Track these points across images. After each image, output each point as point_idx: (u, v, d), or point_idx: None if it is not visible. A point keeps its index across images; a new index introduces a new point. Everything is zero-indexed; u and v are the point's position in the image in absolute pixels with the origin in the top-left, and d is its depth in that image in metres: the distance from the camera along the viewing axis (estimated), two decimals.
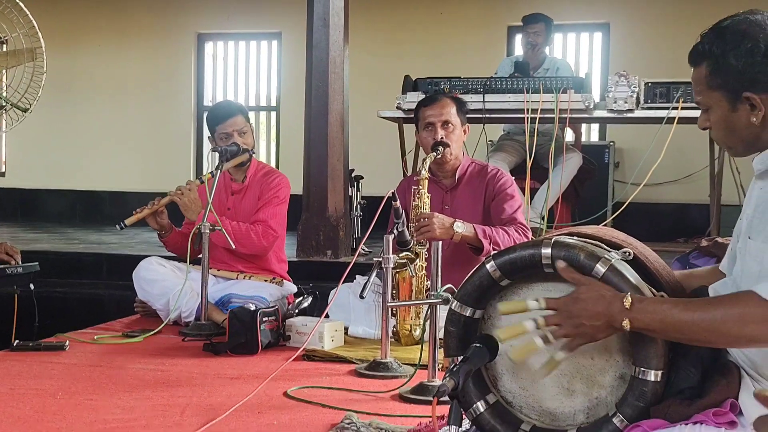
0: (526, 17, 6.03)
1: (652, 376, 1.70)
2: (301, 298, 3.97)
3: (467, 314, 1.89)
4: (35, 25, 4.73)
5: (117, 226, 3.74)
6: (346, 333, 3.64)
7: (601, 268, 1.72)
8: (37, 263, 4.15)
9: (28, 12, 4.71)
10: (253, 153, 4.07)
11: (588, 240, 1.84)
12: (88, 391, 2.73)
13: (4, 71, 4.89)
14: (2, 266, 3.97)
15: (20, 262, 4.03)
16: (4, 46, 5.04)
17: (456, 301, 1.91)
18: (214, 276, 3.95)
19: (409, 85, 5.37)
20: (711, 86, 1.72)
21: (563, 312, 1.70)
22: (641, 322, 1.63)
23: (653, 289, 1.75)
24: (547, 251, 1.78)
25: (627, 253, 1.79)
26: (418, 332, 3.45)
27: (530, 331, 1.72)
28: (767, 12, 1.71)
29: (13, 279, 3.98)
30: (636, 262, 1.80)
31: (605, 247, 1.82)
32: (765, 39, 1.65)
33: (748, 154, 1.76)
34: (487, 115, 5.14)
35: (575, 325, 1.68)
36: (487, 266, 1.85)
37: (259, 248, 3.93)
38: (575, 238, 1.84)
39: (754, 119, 1.68)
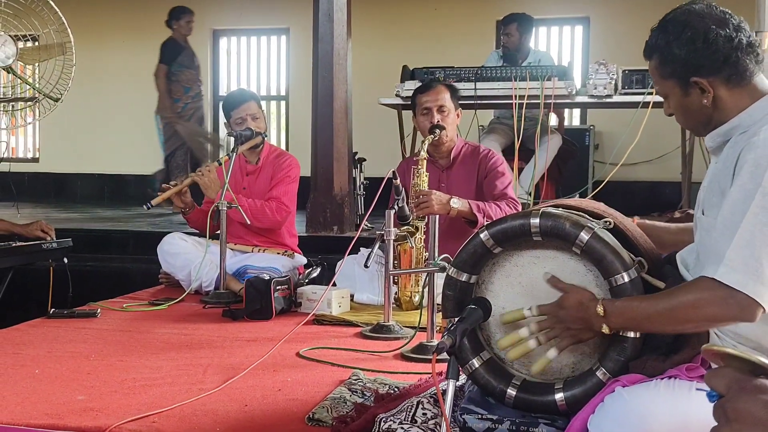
0: (503, 18, 5.98)
1: (632, 333, 1.70)
2: (310, 268, 3.96)
3: (463, 279, 1.89)
4: (65, 21, 4.69)
5: (144, 206, 3.73)
6: (352, 299, 3.65)
7: (584, 236, 1.72)
8: (70, 239, 4.17)
9: (58, 10, 4.67)
10: (266, 136, 4.05)
11: (572, 211, 1.83)
12: (118, 353, 2.74)
13: (37, 64, 4.86)
14: (39, 242, 3.98)
15: (55, 239, 4.04)
16: (37, 41, 5.01)
17: (453, 268, 1.91)
18: (232, 249, 3.95)
19: (407, 74, 5.34)
20: (663, 76, 1.72)
21: (551, 318, 1.75)
22: (616, 323, 1.67)
23: (632, 255, 1.75)
24: (535, 221, 1.78)
25: (608, 222, 1.79)
26: (417, 298, 3.45)
27: (525, 337, 1.77)
28: (707, 2, 1.70)
29: (48, 254, 3.99)
30: (616, 231, 1.80)
31: (588, 217, 1.82)
32: (704, 27, 1.64)
33: (707, 132, 1.75)
34: (478, 102, 5.12)
35: (562, 328, 1.74)
36: (481, 235, 1.85)
37: (273, 222, 3.93)
38: (561, 209, 1.84)
39: (705, 101, 1.67)
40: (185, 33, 7.39)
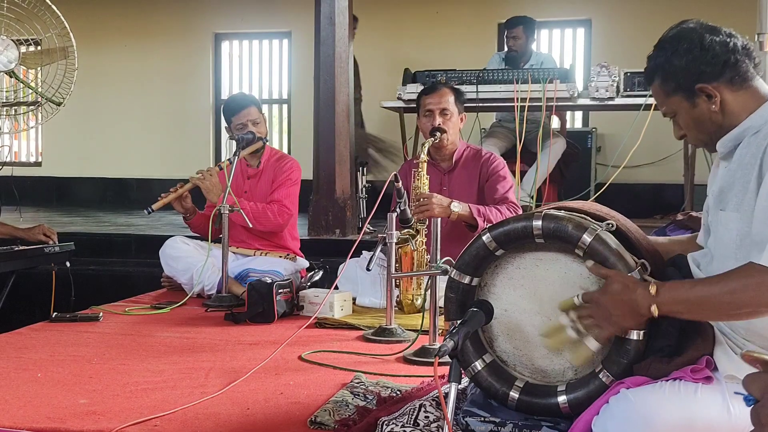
0: (507, 21, 5.97)
1: (635, 335, 1.70)
2: (312, 272, 3.96)
3: (465, 282, 1.89)
4: (67, 26, 4.70)
5: (145, 210, 3.72)
6: (354, 303, 3.64)
7: (587, 238, 1.72)
8: (73, 243, 4.16)
9: (60, 14, 4.68)
10: (267, 141, 4.05)
11: (575, 213, 1.83)
12: (120, 357, 2.74)
13: (39, 68, 4.87)
14: (41, 246, 3.98)
15: (57, 243, 4.04)
16: (39, 45, 5.02)
17: (455, 270, 1.91)
18: (234, 253, 3.95)
19: (409, 77, 5.34)
20: (668, 93, 1.74)
21: (594, 305, 1.69)
22: (667, 305, 1.61)
23: (634, 257, 1.74)
24: (538, 223, 1.78)
25: (610, 225, 1.78)
26: (419, 301, 3.45)
27: (566, 325, 1.73)
28: (697, 19, 1.76)
29: (51, 257, 3.99)
30: (618, 233, 1.80)
31: (590, 219, 1.81)
32: (698, 37, 1.70)
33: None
34: (480, 104, 5.12)
35: (604, 316, 1.68)
36: (484, 238, 1.85)
37: (275, 225, 3.93)
38: (563, 211, 1.83)
39: (714, 107, 1.69)
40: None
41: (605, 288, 1.68)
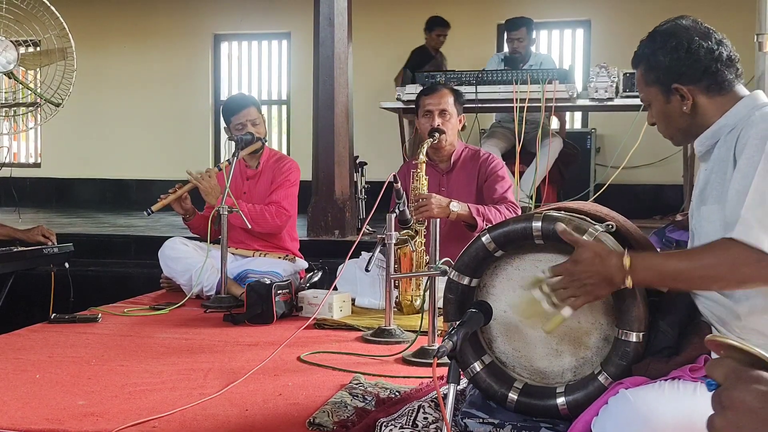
0: (508, 23, 5.96)
1: (634, 337, 1.69)
2: (311, 273, 3.96)
3: (465, 283, 1.89)
4: (66, 27, 4.70)
5: (145, 212, 3.72)
6: (353, 303, 3.64)
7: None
8: (72, 244, 4.16)
9: (59, 15, 4.68)
10: (265, 141, 4.05)
11: (575, 214, 1.83)
12: (119, 358, 2.73)
13: (38, 69, 4.87)
14: (40, 247, 3.98)
15: (56, 244, 4.04)
16: (38, 46, 5.02)
17: (454, 271, 1.90)
18: (233, 254, 3.95)
19: (408, 78, 5.34)
20: (648, 83, 1.81)
21: (566, 275, 1.70)
22: (641, 277, 1.64)
23: None
24: (537, 224, 1.77)
25: (610, 226, 1.78)
26: (418, 302, 3.44)
27: (539, 299, 1.73)
28: (694, 17, 1.80)
29: (50, 258, 3.99)
30: (618, 234, 1.80)
31: (590, 220, 1.81)
32: (688, 38, 1.75)
33: (687, 142, 1.86)
34: (479, 105, 5.12)
35: (577, 286, 1.68)
36: (483, 239, 1.85)
37: (274, 227, 3.93)
38: (563, 212, 1.83)
39: (685, 108, 1.76)
40: (434, 45, 7.29)
41: (575, 257, 1.69)
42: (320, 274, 3.94)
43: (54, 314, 3.38)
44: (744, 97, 1.74)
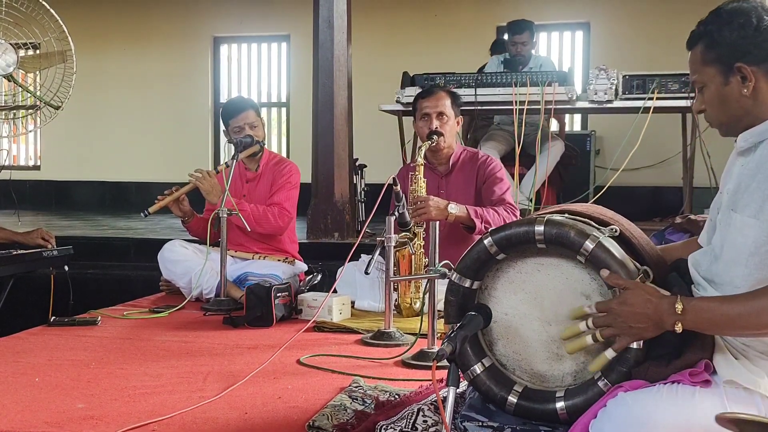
0: (511, 26, 5.95)
1: (635, 344, 1.68)
2: (311, 275, 3.96)
3: (466, 285, 1.89)
4: (65, 29, 4.71)
5: (141, 213, 3.71)
6: (352, 306, 3.64)
7: (589, 245, 1.71)
8: (71, 247, 4.16)
9: (58, 18, 4.68)
10: (264, 144, 4.05)
11: (578, 218, 1.82)
12: (119, 361, 2.73)
13: (37, 72, 4.87)
14: (39, 250, 3.98)
15: (55, 246, 4.04)
16: (37, 49, 5.02)
17: (456, 273, 1.90)
18: (232, 256, 3.95)
19: (408, 80, 5.35)
20: (705, 61, 1.71)
21: (612, 315, 1.66)
22: (692, 323, 1.59)
23: (637, 264, 1.73)
24: (540, 228, 1.77)
25: (614, 230, 1.77)
26: (418, 304, 3.44)
27: (583, 331, 1.70)
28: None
29: (49, 261, 3.99)
30: (622, 238, 1.79)
31: (593, 224, 1.80)
32: (757, 16, 1.66)
33: (736, 134, 1.73)
34: (478, 107, 5.12)
35: (623, 327, 1.65)
36: (485, 242, 1.84)
37: (276, 228, 3.93)
38: (566, 216, 1.83)
39: (745, 90, 1.66)
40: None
41: (624, 298, 1.65)
42: (320, 276, 3.93)
43: (53, 317, 3.38)
44: None
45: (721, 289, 1.67)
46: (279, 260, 4.00)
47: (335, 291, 3.40)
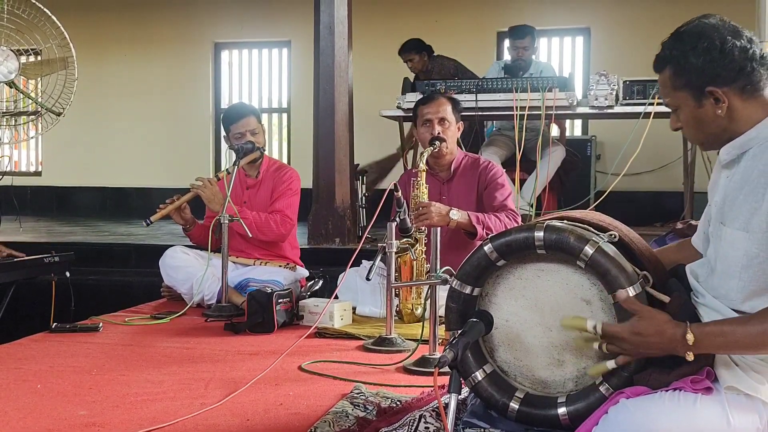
0: (512, 31, 5.96)
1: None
2: (312, 281, 3.96)
3: (467, 292, 1.89)
4: (67, 36, 4.72)
5: (144, 222, 3.72)
6: (354, 312, 3.64)
7: (589, 250, 1.72)
8: (73, 253, 4.17)
9: (60, 24, 4.70)
10: (264, 150, 4.05)
11: (577, 224, 1.83)
12: (120, 368, 2.73)
13: (39, 79, 4.88)
14: (41, 256, 3.98)
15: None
16: (39, 56, 5.03)
17: (456, 280, 1.90)
18: (233, 262, 3.94)
19: (408, 86, 5.37)
20: (676, 87, 1.70)
21: (622, 342, 1.65)
22: (704, 349, 1.59)
23: (636, 269, 1.74)
24: (539, 234, 1.77)
25: (613, 236, 1.78)
26: (419, 310, 3.44)
27: (589, 330, 1.68)
28: (719, 16, 1.71)
29: (51, 267, 4.00)
30: (621, 244, 1.79)
31: (593, 230, 1.81)
32: (720, 37, 1.65)
33: (717, 148, 1.74)
34: (479, 113, 5.13)
35: (633, 352, 1.66)
36: (485, 248, 1.85)
37: (278, 235, 3.93)
38: (565, 222, 1.83)
39: (720, 111, 1.66)
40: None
41: (636, 328, 1.63)
42: (321, 282, 3.93)
43: (55, 324, 3.38)
44: None
45: (719, 301, 1.67)
46: (280, 266, 4.00)
47: (336, 297, 3.40)
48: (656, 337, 1.61)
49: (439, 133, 3.64)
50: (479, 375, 1.87)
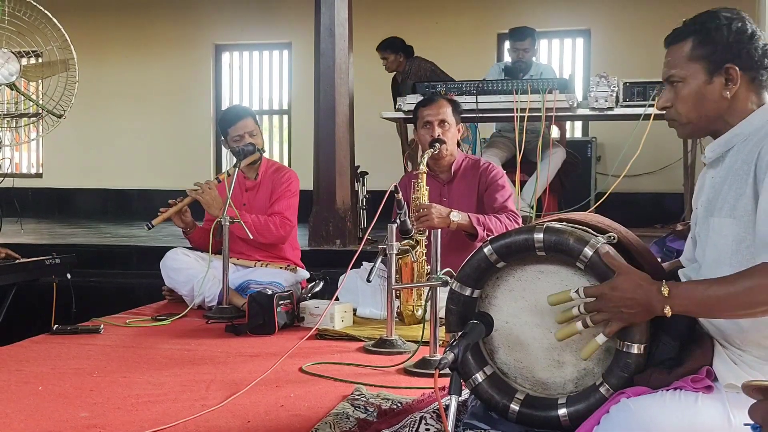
0: (513, 33, 5.96)
1: (636, 349, 1.69)
2: (313, 283, 3.96)
3: (467, 294, 1.89)
4: (68, 38, 4.73)
5: (145, 226, 3.72)
6: (354, 314, 3.64)
7: (588, 251, 1.72)
8: (74, 255, 4.17)
9: (61, 27, 4.70)
10: (263, 152, 4.05)
11: (576, 225, 1.83)
12: (121, 370, 2.73)
13: (40, 81, 4.89)
14: (42, 258, 3.98)
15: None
16: (40, 58, 5.04)
17: (456, 282, 1.90)
18: (234, 264, 3.95)
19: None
20: (692, 57, 1.70)
21: (602, 300, 1.66)
22: (680, 306, 1.60)
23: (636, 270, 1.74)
24: (539, 236, 1.78)
25: (612, 237, 1.78)
26: (420, 312, 3.45)
27: (572, 297, 1.70)
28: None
29: (52, 269, 4.00)
30: (620, 245, 1.80)
31: (592, 231, 1.81)
32: (753, 27, 1.69)
33: (699, 135, 1.77)
34: (479, 115, 5.13)
35: (614, 312, 1.66)
36: (485, 250, 1.85)
37: (278, 238, 3.93)
38: (565, 223, 1.83)
39: (727, 93, 1.68)
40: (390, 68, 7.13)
41: (614, 284, 1.64)
42: (322, 284, 3.93)
43: (56, 325, 3.39)
44: (762, 107, 1.69)
45: None
46: (281, 268, 4.00)
47: (337, 298, 3.40)
48: (635, 291, 1.62)
49: (439, 135, 3.64)
50: (480, 377, 1.88)
